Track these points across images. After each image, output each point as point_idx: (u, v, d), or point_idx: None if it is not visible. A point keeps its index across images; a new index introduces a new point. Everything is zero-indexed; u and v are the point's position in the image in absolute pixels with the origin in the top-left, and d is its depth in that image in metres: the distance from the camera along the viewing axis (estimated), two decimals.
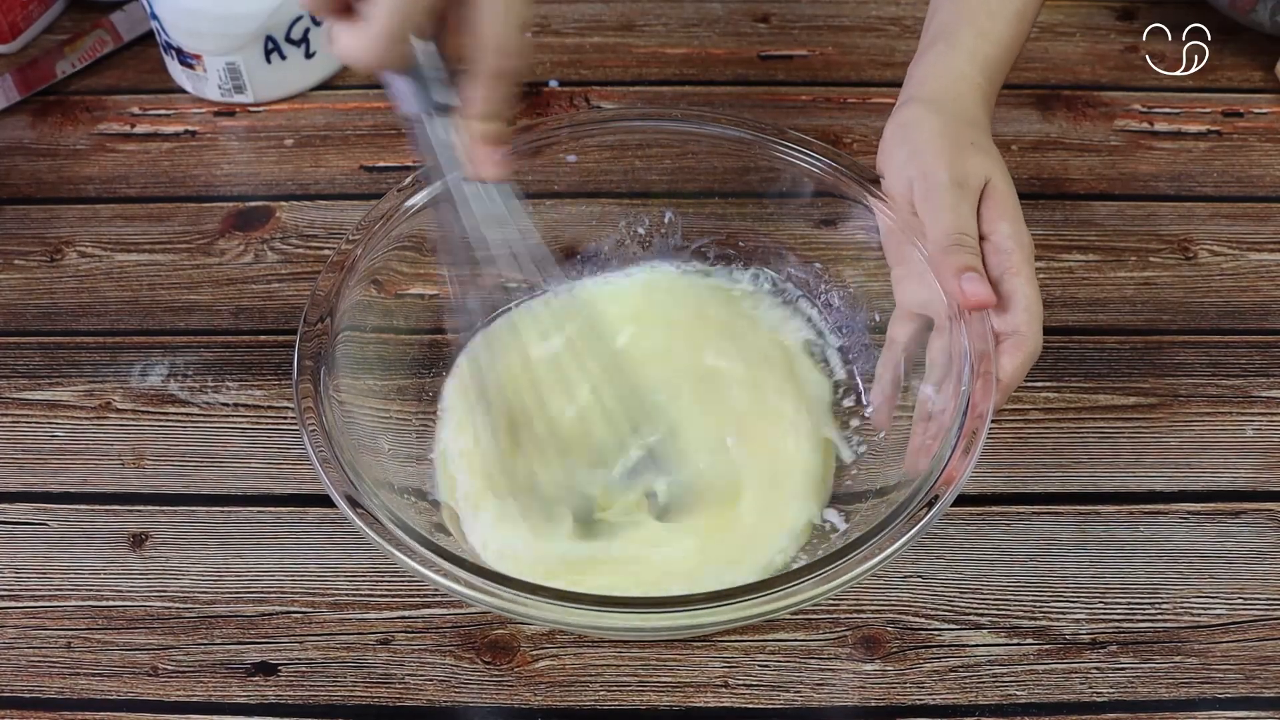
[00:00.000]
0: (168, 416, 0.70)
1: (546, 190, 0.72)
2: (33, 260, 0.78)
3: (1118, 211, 0.81)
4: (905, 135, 0.61)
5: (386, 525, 0.52)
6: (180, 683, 0.59)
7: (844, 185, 0.66)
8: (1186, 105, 0.88)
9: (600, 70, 0.91)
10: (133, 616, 0.62)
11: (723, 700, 0.59)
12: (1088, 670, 0.59)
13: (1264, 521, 0.65)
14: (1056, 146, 0.85)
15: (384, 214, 0.64)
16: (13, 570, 0.63)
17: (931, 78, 0.63)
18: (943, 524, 0.64)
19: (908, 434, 0.60)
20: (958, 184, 0.58)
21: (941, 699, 0.59)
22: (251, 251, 0.79)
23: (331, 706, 0.58)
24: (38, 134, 0.86)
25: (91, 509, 0.66)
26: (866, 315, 0.68)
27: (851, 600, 0.62)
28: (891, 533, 0.52)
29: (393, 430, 0.64)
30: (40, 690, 0.59)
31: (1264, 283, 0.76)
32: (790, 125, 0.69)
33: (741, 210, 0.72)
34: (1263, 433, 0.69)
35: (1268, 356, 0.72)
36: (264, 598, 0.62)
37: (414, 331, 0.68)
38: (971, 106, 0.62)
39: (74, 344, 0.73)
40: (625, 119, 0.71)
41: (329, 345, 0.59)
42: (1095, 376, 0.71)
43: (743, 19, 0.95)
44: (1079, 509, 0.65)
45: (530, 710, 0.58)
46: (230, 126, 0.87)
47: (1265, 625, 0.61)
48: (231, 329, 0.74)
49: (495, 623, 0.61)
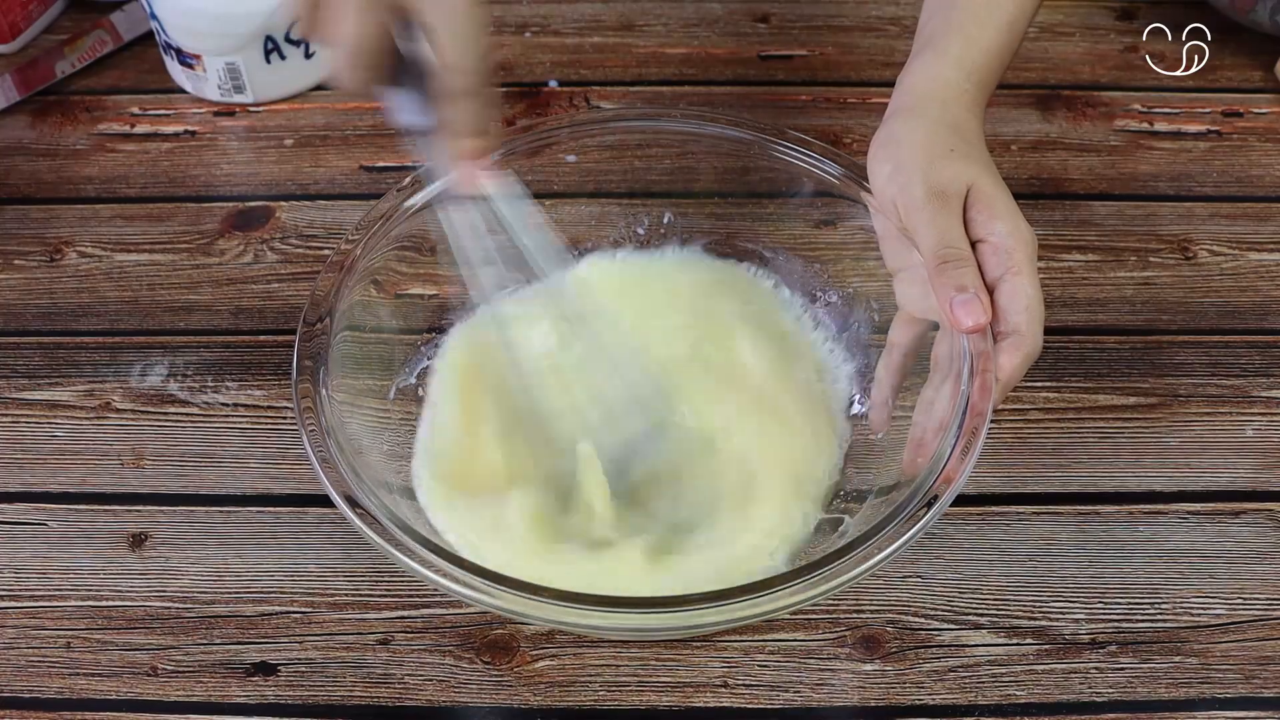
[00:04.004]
0: (167, 416, 0.70)
1: (546, 190, 0.72)
2: (32, 260, 0.78)
3: (1117, 211, 0.81)
4: (888, 152, 0.61)
5: (386, 525, 0.52)
6: (180, 683, 0.59)
7: (844, 185, 0.66)
8: (1186, 105, 0.88)
9: (600, 70, 0.91)
10: (132, 616, 0.62)
11: (722, 700, 0.59)
12: (1087, 670, 0.59)
13: (1264, 521, 0.65)
14: (1056, 146, 0.85)
15: (383, 214, 0.64)
16: (12, 570, 0.63)
17: (917, 85, 0.63)
18: (942, 524, 0.64)
19: (906, 434, 0.60)
20: (936, 195, 0.58)
21: (941, 699, 0.59)
22: (251, 251, 0.79)
23: (331, 706, 0.58)
24: (38, 134, 0.86)
25: (91, 509, 0.66)
26: (866, 315, 0.68)
27: (851, 600, 0.62)
28: (891, 533, 0.52)
29: (392, 430, 0.64)
30: (40, 690, 0.59)
31: (1264, 283, 0.76)
32: (790, 125, 0.69)
33: (741, 210, 0.72)
34: (1262, 433, 0.69)
35: (1268, 356, 0.72)
36: (264, 598, 0.62)
37: (413, 331, 0.68)
38: (958, 112, 0.62)
39: (74, 344, 0.73)
40: (625, 119, 0.71)
41: (328, 345, 0.59)
42: (1095, 376, 0.71)
43: (743, 19, 0.95)
44: (1079, 509, 0.65)
45: (530, 710, 0.58)
46: (230, 126, 0.87)
47: (1265, 625, 0.61)
48: (231, 329, 0.74)
49: (495, 623, 0.61)
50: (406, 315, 0.68)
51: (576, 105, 0.88)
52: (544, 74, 0.91)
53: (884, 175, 0.61)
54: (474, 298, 0.66)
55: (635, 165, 0.73)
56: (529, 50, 0.93)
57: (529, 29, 0.94)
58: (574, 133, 0.70)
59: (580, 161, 0.72)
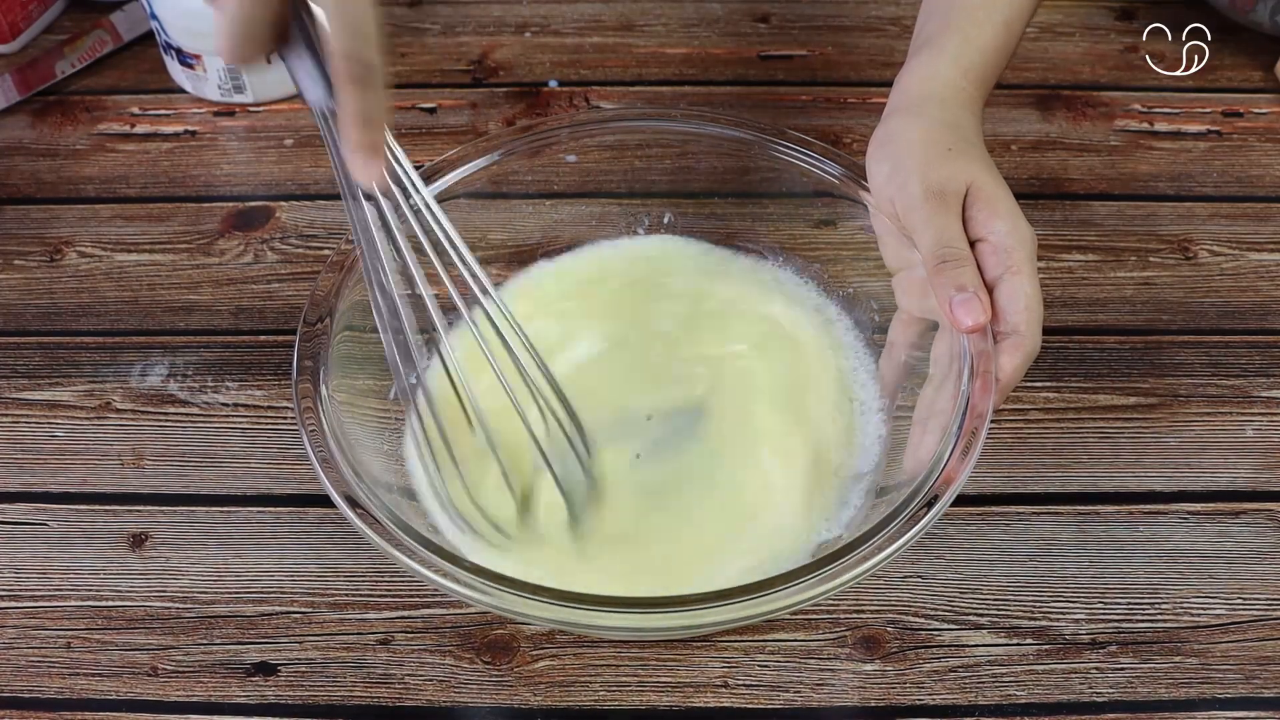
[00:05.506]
0: (167, 416, 0.70)
1: (546, 190, 0.72)
2: (33, 260, 0.78)
3: (1117, 211, 0.81)
4: (885, 152, 0.61)
5: (386, 525, 0.52)
6: (180, 683, 0.59)
7: (844, 185, 0.66)
8: (1186, 105, 0.88)
9: (600, 70, 0.91)
10: (132, 616, 0.62)
11: (722, 700, 0.59)
12: (1087, 670, 0.59)
13: (1264, 521, 0.65)
14: (1056, 146, 0.85)
15: None
16: (13, 570, 0.63)
17: (915, 85, 0.63)
18: (942, 524, 0.64)
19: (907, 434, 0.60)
20: (934, 195, 0.58)
21: (941, 699, 0.59)
22: (251, 251, 0.79)
23: (331, 706, 0.58)
24: (38, 134, 0.86)
25: (91, 509, 0.66)
26: (866, 315, 0.68)
27: (851, 600, 0.62)
28: (891, 533, 0.52)
29: (392, 430, 0.64)
30: (40, 690, 0.59)
31: (1264, 283, 0.76)
32: (790, 125, 0.69)
33: (741, 210, 0.72)
34: (1263, 433, 0.69)
35: (1268, 356, 0.72)
36: (264, 598, 0.62)
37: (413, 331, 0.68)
38: (956, 112, 0.62)
39: (74, 344, 0.73)
40: (625, 119, 0.71)
41: (328, 345, 0.59)
42: (1095, 376, 0.71)
43: (743, 19, 0.95)
44: (1079, 509, 0.65)
45: (530, 710, 0.58)
46: (230, 126, 0.87)
47: (1265, 625, 0.61)
48: (231, 329, 0.74)
49: (495, 623, 0.61)
50: (407, 315, 0.67)
51: (576, 105, 0.88)
52: (544, 74, 0.91)
53: (882, 175, 0.61)
54: (377, 299, 0.59)
55: (635, 165, 0.73)
56: (529, 50, 0.93)
57: (529, 29, 0.94)
58: (574, 133, 0.70)
59: (580, 161, 0.72)
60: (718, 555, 0.59)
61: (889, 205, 0.60)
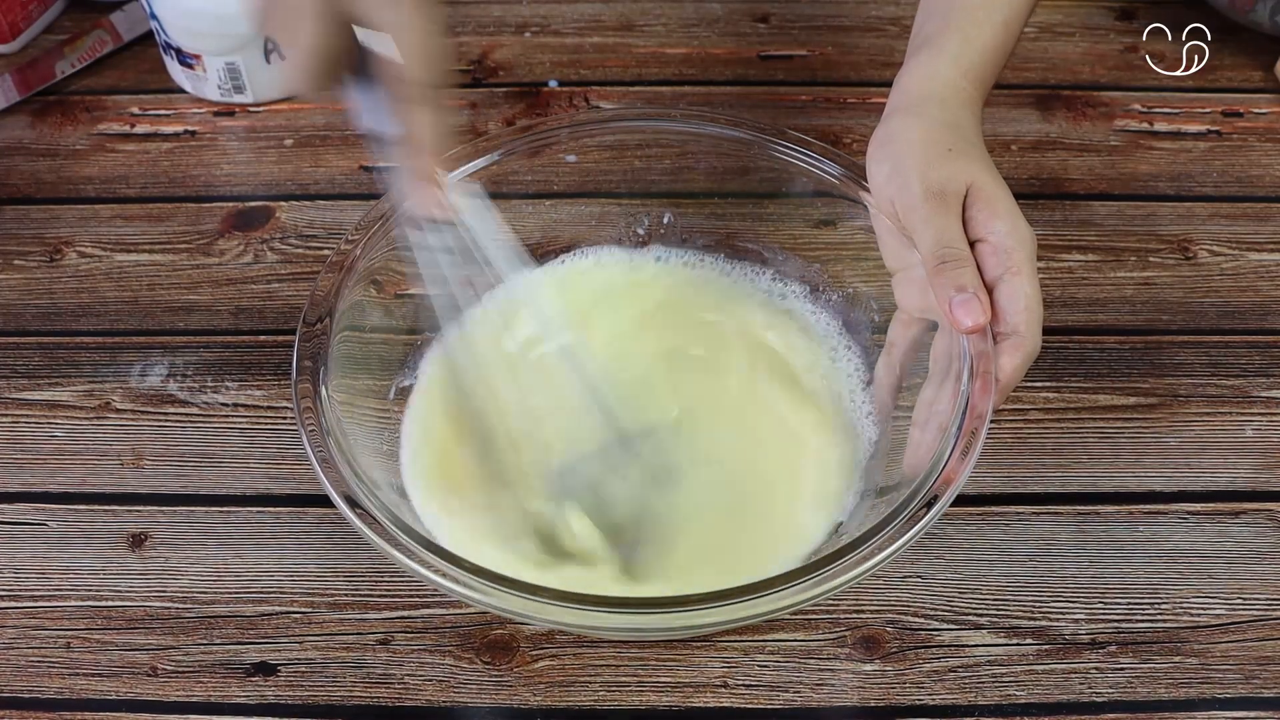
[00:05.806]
0: (167, 416, 0.70)
1: (546, 190, 0.72)
2: (32, 260, 0.78)
3: (1117, 211, 0.81)
4: (885, 152, 0.61)
5: (386, 525, 0.52)
6: (179, 683, 0.59)
7: (844, 185, 0.66)
8: (1186, 105, 0.88)
9: (600, 70, 0.91)
10: (132, 616, 0.62)
11: (722, 700, 0.59)
12: (1087, 670, 0.59)
13: (1263, 521, 0.65)
14: (1056, 146, 0.85)
15: (383, 214, 0.64)
16: (12, 570, 0.63)
17: (915, 85, 0.63)
18: (942, 524, 0.64)
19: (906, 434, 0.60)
20: (935, 195, 0.58)
21: (941, 699, 0.59)
22: (251, 252, 0.79)
23: (331, 707, 0.58)
24: (38, 134, 0.86)
25: (90, 509, 0.66)
26: (866, 315, 0.68)
27: (851, 600, 0.62)
28: (891, 533, 0.52)
29: (391, 430, 0.64)
30: (39, 690, 0.59)
31: (1264, 283, 0.76)
32: (790, 125, 0.69)
33: (741, 210, 0.72)
34: (1262, 433, 0.69)
35: (1267, 356, 0.72)
36: (264, 598, 0.62)
37: (413, 332, 0.68)
38: (956, 111, 0.62)
39: (73, 344, 0.73)
40: (625, 119, 0.71)
41: (328, 345, 0.59)
42: (1095, 376, 0.71)
43: (743, 19, 0.95)
44: (1078, 509, 0.65)
45: (530, 710, 0.58)
46: (230, 126, 0.87)
47: (1265, 625, 0.61)
48: (231, 329, 0.74)
49: (494, 623, 0.61)
50: (406, 315, 0.68)
51: (576, 105, 0.88)
52: (544, 74, 0.91)
53: (882, 175, 0.61)
54: (440, 317, 0.65)
55: (635, 165, 0.73)
56: (529, 50, 0.93)
57: (529, 29, 0.94)
58: (574, 133, 0.70)
59: (580, 161, 0.72)
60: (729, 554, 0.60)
61: (889, 205, 0.60)
